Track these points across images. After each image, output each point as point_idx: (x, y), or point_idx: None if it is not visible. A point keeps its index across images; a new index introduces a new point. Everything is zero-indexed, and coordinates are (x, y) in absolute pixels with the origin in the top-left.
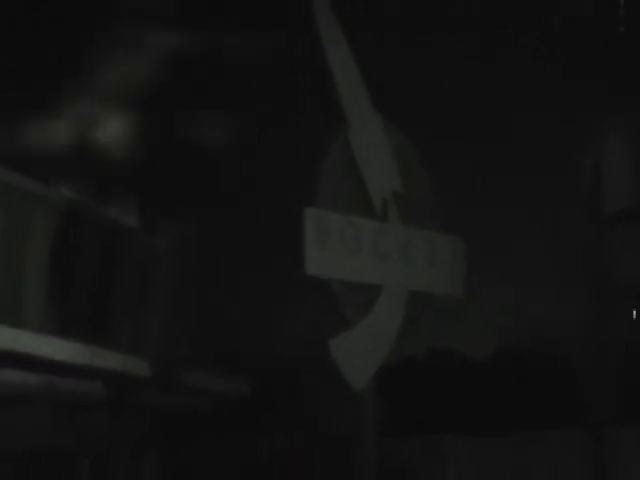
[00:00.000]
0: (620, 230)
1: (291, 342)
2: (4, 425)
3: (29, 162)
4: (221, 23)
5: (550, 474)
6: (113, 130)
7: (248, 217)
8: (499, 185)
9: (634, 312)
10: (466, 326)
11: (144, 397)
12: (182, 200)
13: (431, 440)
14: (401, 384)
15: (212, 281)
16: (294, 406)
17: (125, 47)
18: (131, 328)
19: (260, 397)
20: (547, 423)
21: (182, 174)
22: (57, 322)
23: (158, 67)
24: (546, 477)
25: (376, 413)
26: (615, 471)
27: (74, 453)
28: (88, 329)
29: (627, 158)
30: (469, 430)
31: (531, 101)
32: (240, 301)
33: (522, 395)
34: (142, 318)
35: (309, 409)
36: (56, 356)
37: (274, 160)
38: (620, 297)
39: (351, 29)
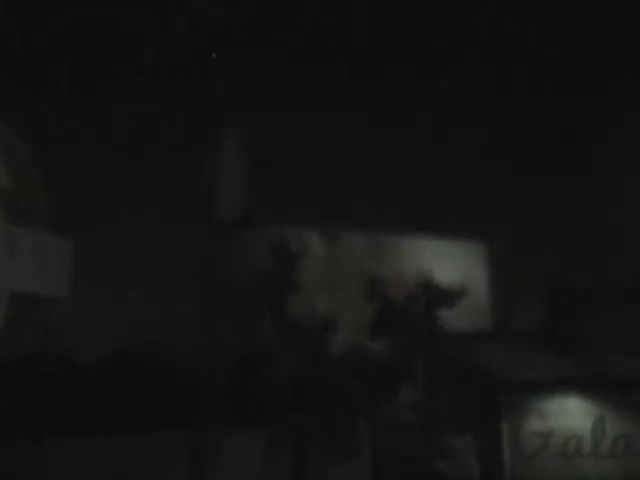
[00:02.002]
0: (232, 236)
1: None
2: None
3: None
4: None
5: (155, 473)
6: None
7: None
8: (117, 187)
9: (243, 317)
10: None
11: None
12: None
13: (31, 443)
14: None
15: None
16: None
17: None
18: None
19: None
20: (154, 424)
21: None
22: None
23: None
24: (151, 476)
25: None
26: (215, 471)
27: None
28: None
29: (239, 168)
30: (74, 432)
31: (156, 111)
32: None
33: (130, 397)
34: None
35: None
36: None
37: None
38: (230, 302)
39: None
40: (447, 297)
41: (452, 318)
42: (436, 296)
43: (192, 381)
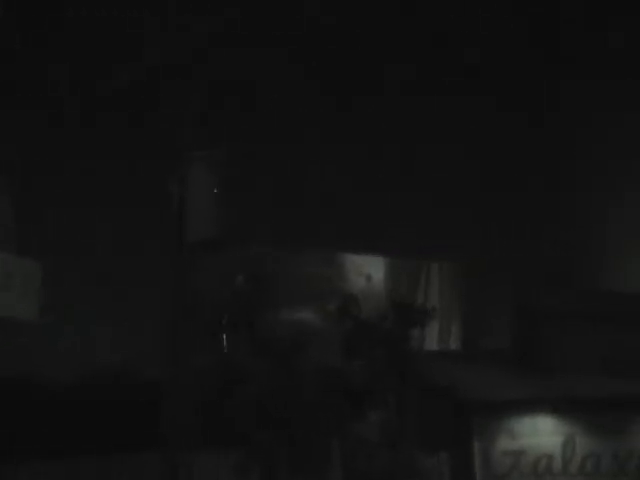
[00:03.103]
0: (202, 259)
1: None
2: None
3: None
4: None
5: None
6: None
7: None
8: (84, 210)
9: (213, 338)
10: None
11: None
12: None
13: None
14: None
15: None
16: None
17: None
18: None
19: None
20: (127, 448)
21: None
22: None
23: None
24: None
25: None
26: None
27: None
28: None
29: (209, 191)
30: (45, 456)
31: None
32: None
33: (102, 421)
34: None
35: None
36: None
37: None
38: (200, 327)
39: None
40: (418, 317)
41: (423, 338)
42: (407, 316)
43: (162, 403)
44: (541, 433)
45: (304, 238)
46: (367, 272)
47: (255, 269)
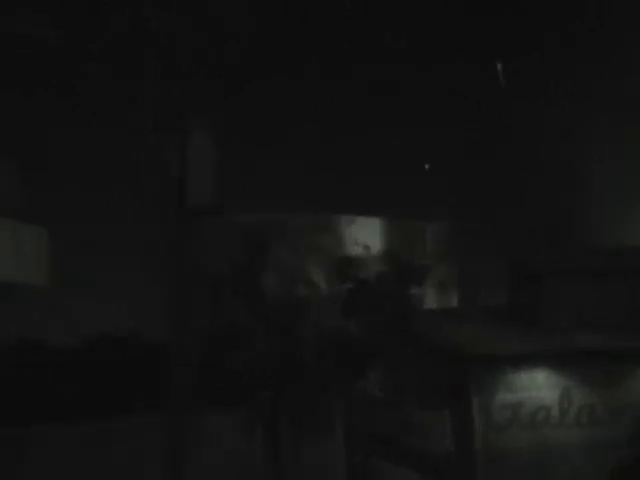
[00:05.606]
0: (201, 224)
1: None
2: None
3: None
4: None
5: (130, 457)
6: None
7: None
8: (86, 176)
9: (215, 301)
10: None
11: None
12: None
13: (13, 431)
14: None
15: None
16: None
17: None
18: None
19: None
20: (126, 409)
21: None
22: None
23: None
24: (126, 460)
25: None
26: (191, 454)
27: None
28: None
29: (209, 156)
30: (46, 419)
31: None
32: None
33: (104, 382)
34: None
35: None
36: None
37: None
38: (200, 288)
39: None
40: (416, 275)
41: (421, 296)
42: (405, 275)
43: (166, 366)
44: (538, 386)
45: (304, 204)
46: (364, 240)
47: (255, 234)
